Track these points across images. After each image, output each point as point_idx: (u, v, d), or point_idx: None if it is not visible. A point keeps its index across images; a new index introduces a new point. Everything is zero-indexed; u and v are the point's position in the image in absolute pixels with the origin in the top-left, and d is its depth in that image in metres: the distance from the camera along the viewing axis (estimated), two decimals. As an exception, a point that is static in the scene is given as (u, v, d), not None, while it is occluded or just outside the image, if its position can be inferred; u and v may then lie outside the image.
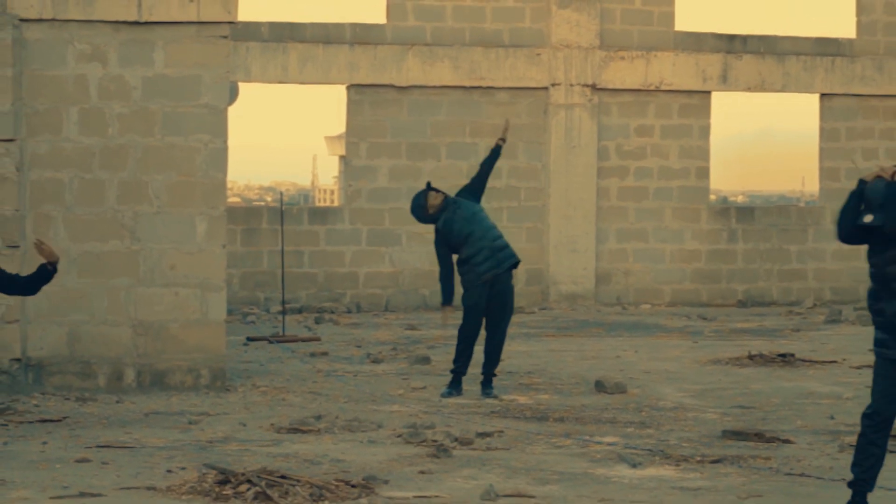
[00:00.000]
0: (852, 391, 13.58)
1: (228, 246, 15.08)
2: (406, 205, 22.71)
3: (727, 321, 21.26)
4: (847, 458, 10.11)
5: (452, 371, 13.42)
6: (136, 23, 13.28)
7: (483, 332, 13.41)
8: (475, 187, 13.75)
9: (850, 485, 8.12)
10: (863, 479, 8.07)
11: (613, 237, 23.88)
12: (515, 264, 13.37)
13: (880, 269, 7.95)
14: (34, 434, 10.91)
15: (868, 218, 7.93)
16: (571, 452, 10.39)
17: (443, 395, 13.22)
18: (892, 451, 8.72)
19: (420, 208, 13.58)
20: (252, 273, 22.44)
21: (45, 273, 10.27)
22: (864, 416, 8.03)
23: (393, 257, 23.00)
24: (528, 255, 23.21)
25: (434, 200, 13.48)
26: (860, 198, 7.98)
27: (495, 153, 13.86)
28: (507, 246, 13.39)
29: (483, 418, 11.96)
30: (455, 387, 13.33)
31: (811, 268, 24.70)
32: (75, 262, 13.19)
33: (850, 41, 24.83)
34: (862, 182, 8.03)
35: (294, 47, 22.49)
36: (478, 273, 13.23)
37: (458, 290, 13.33)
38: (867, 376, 14.69)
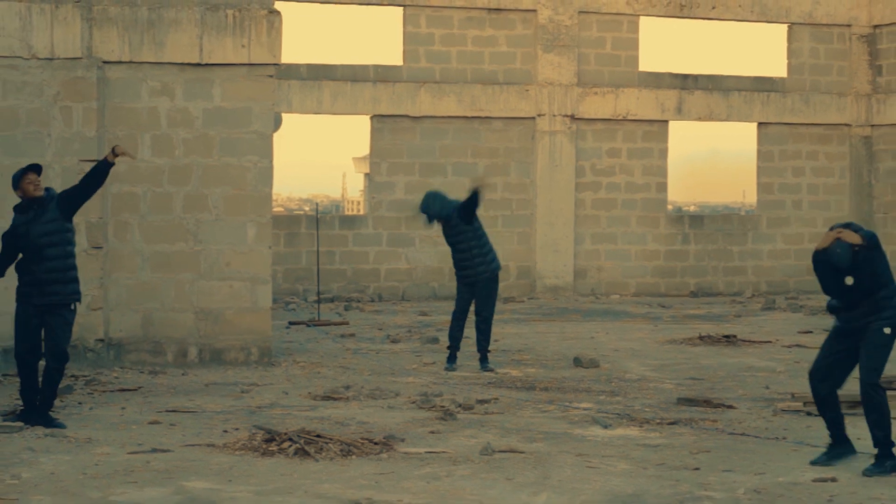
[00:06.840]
0: (784, 366, 13.57)
1: (273, 247, 15.07)
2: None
3: (681, 309, 21.23)
4: (780, 420, 10.12)
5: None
6: (198, 64, 13.29)
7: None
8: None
9: None
10: None
11: (588, 240, 23.84)
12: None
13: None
14: (114, 401, 10.93)
15: (849, 280, 8.18)
16: (554, 416, 10.39)
17: (446, 369, 13.23)
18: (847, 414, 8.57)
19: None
20: (293, 269, 22.43)
21: (100, 164, 9.78)
22: None
23: (408, 256, 22.97)
24: (519, 255, 23.25)
25: None
26: (827, 265, 8.16)
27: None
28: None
29: (482, 388, 11.96)
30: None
31: (750, 265, 24.66)
32: (148, 261, 13.20)
33: (782, 79, 24.80)
34: (819, 252, 8.19)
35: (327, 84, 22.47)
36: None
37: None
38: (797, 353, 14.72)
